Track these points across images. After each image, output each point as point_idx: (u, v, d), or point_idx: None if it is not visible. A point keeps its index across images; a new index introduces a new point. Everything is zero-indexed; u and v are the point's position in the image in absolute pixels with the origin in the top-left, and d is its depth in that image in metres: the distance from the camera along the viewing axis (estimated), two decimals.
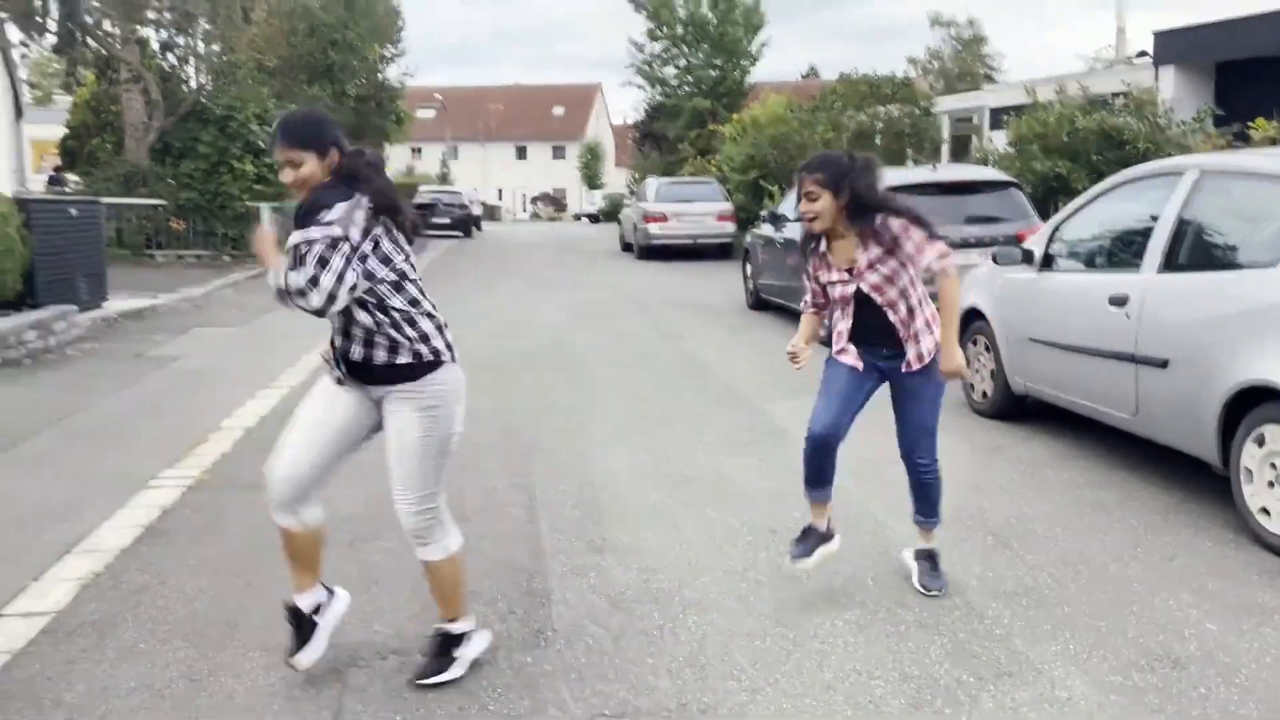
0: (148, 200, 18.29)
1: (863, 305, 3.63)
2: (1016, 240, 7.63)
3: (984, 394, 6.58)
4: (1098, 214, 5.63)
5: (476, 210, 38.61)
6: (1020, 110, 14.11)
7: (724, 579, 3.98)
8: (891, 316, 3.60)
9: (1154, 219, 4.97)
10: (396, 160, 70.99)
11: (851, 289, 3.60)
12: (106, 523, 4.64)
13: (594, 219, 49.26)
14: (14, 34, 18.77)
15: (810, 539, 3.81)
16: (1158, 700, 3.03)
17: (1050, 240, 5.90)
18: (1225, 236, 4.68)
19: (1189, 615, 3.60)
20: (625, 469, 5.55)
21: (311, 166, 2.90)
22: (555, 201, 72.76)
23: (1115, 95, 14.01)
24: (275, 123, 3.01)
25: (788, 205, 11.22)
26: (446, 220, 31.99)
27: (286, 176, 2.94)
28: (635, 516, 4.73)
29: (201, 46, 20.41)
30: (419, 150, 75.24)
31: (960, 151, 20.70)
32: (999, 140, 15.53)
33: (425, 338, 3.01)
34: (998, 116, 19.19)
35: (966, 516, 4.68)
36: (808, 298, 3.84)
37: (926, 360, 3.66)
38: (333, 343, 3.07)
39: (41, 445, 6.08)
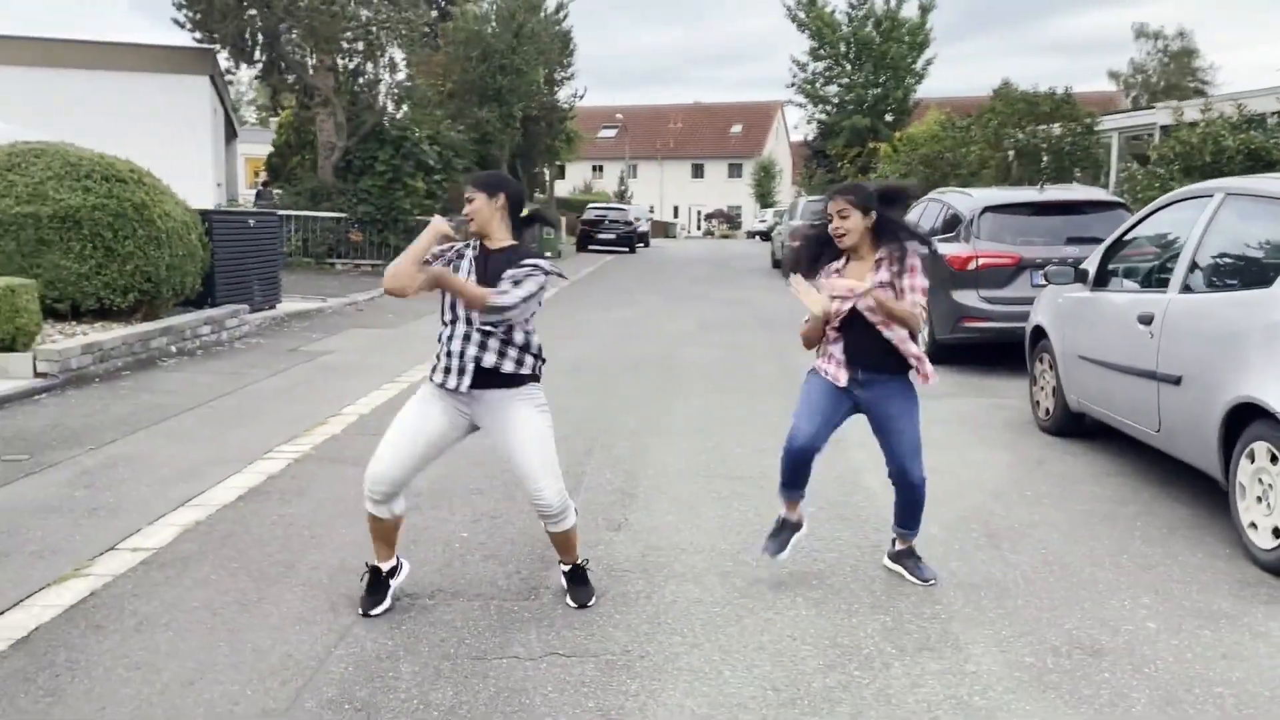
0: (331, 214, 20.02)
1: (854, 324, 3.90)
2: None
3: (1047, 411, 6.69)
4: (1144, 234, 5.72)
5: (644, 227, 39.68)
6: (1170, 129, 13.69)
7: (714, 558, 4.41)
8: (887, 334, 3.88)
9: (1184, 240, 5.07)
10: (575, 177, 73.81)
11: (847, 306, 3.88)
12: (220, 485, 5.49)
13: (764, 236, 49.64)
14: (223, 61, 20.86)
15: (784, 532, 4.17)
16: (1056, 679, 3.28)
17: (1103, 259, 6.01)
18: (1235, 258, 4.76)
19: (1135, 614, 3.79)
20: (676, 466, 6.02)
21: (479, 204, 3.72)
22: (729, 219, 73.37)
23: (1275, 114, 13.40)
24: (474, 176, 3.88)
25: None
26: (612, 236, 33.16)
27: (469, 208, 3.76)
28: (663, 504, 5.20)
29: (386, 74, 22.11)
30: (600, 168, 77.63)
31: None
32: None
33: (537, 356, 3.79)
34: (1170, 134, 18.52)
35: (971, 519, 4.93)
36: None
37: (931, 381, 3.97)
38: (449, 353, 3.68)
39: (190, 420, 7.09)
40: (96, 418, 7.01)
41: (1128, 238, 5.94)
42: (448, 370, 3.71)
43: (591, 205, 37.12)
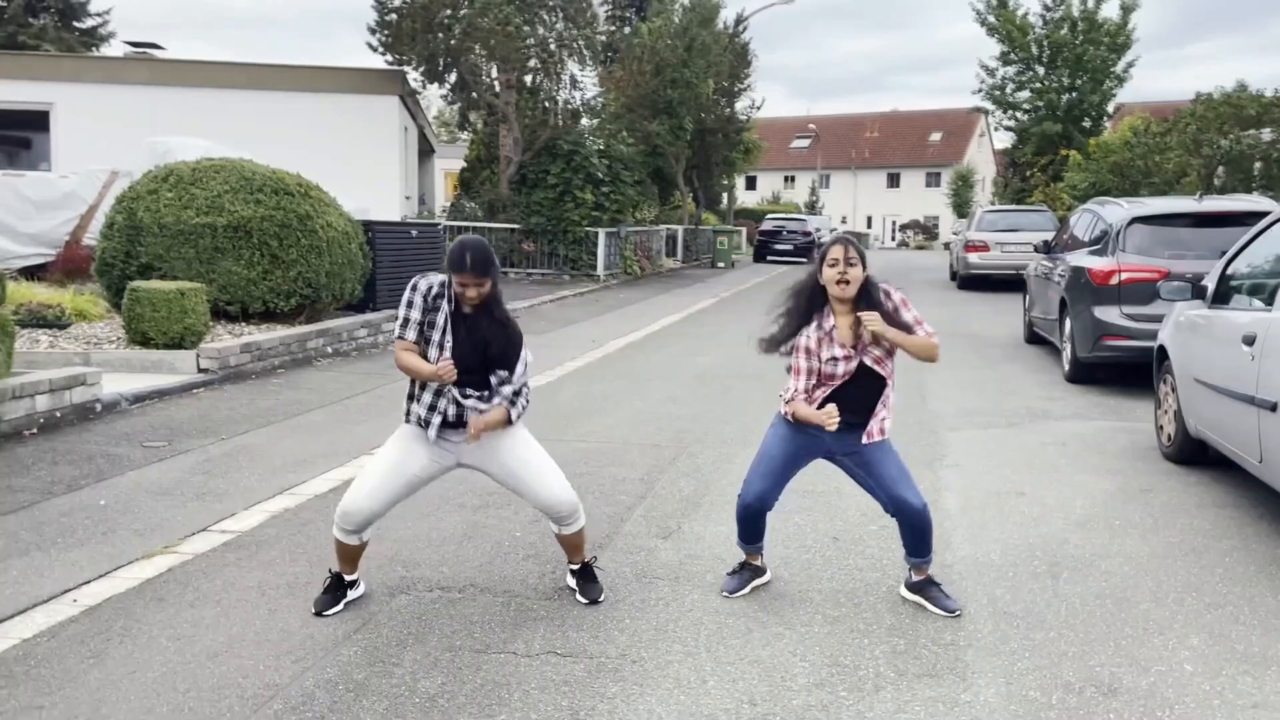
0: (505, 225, 20.86)
1: (856, 380, 3.80)
2: None
3: (1169, 437, 6.25)
4: (1262, 248, 5.27)
5: (825, 238, 39.15)
6: None
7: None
8: (887, 388, 3.84)
9: None
10: (765, 188, 73.56)
11: (854, 364, 3.79)
12: (321, 475, 5.89)
13: None
14: (414, 82, 22.10)
15: (745, 572, 4.15)
16: (1053, 717, 3.11)
17: (1223, 274, 5.57)
18: None
19: (1175, 655, 3.53)
20: None
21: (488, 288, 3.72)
22: (925, 229, 71.28)
23: None
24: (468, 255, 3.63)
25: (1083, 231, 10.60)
26: (789, 247, 32.90)
27: (470, 294, 3.66)
28: (724, 515, 5.19)
29: (567, 90, 22.84)
30: (791, 178, 77.16)
31: None
32: None
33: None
34: None
35: (1039, 547, 4.68)
36: (799, 384, 3.82)
37: (886, 435, 3.88)
38: (438, 404, 3.78)
39: (320, 416, 7.62)
40: (239, 411, 7.64)
41: (1250, 250, 5.48)
42: (428, 424, 3.80)
43: (769, 215, 36.98)
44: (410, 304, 3.75)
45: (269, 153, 13.77)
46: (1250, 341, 4.70)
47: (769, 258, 32.95)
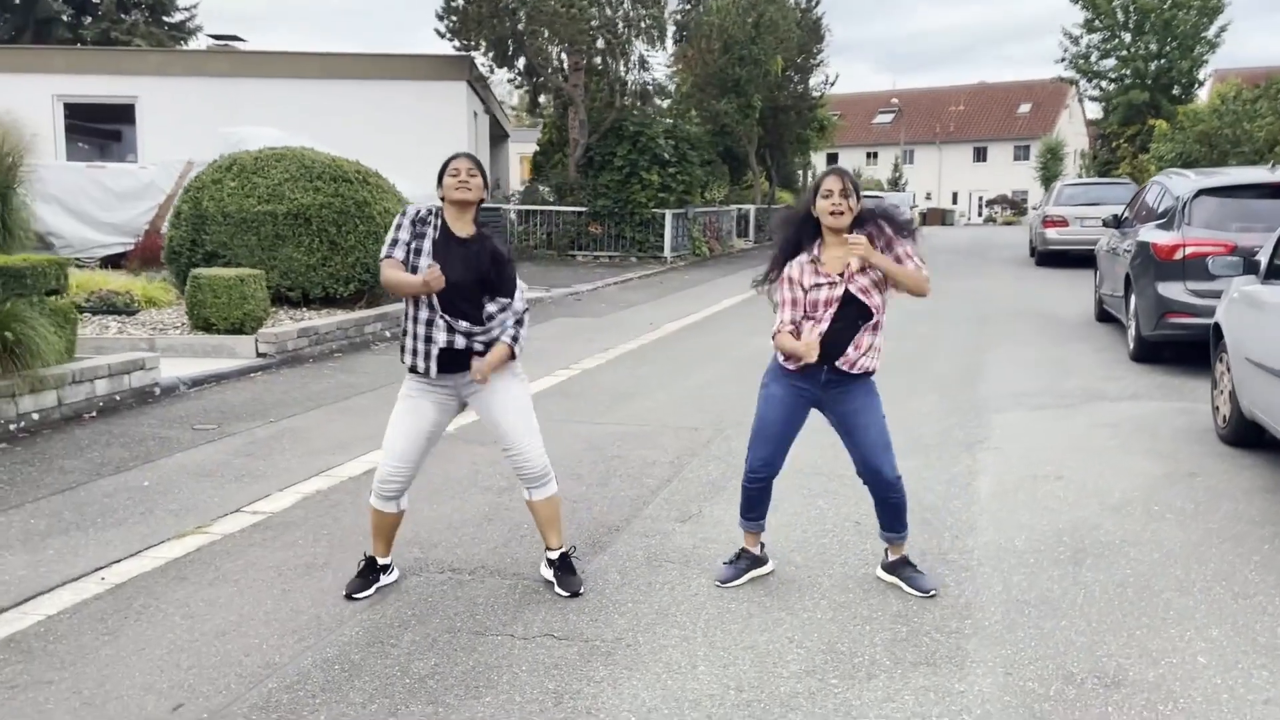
0: (572, 208, 20.94)
1: (843, 311, 3.73)
2: None
3: (1224, 418, 5.99)
4: None
5: (905, 214, 38.37)
6: None
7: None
8: (873, 320, 3.73)
9: None
10: (846, 164, 72.38)
11: (840, 291, 3.74)
12: (358, 459, 6.01)
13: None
14: (481, 67, 22.27)
15: (742, 561, 4.06)
16: (1047, 709, 3.01)
17: (1276, 248, 5.30)
18: None
19: (1190, 646, 3.39)
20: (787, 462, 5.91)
21: (479, 184, 3.83)
22: (1013, 204, 69.40)
23: None
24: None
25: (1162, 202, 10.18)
26: None
27: (462, 179, 3.76)
28: None
29: (635, 71, 22.75)
30: (874, 154, 75.82)
31: None
32: None
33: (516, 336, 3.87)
34: None
35: (1067, 532, 4.54)
36: (785, 316, 3.79)
37: (867, 368, 3.79)
38: (433, 334, 3.77)
39: (368, 399, 7.75)
40: (291, 394, 7.83)
41: None
42: (426, 356, 3.79)
43: None
44: (398, 226, 3.80)
45: (341, 140, 14.04)
46: None
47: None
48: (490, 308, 3.80)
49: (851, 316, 3.75)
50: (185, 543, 4.57)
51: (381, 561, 4.05)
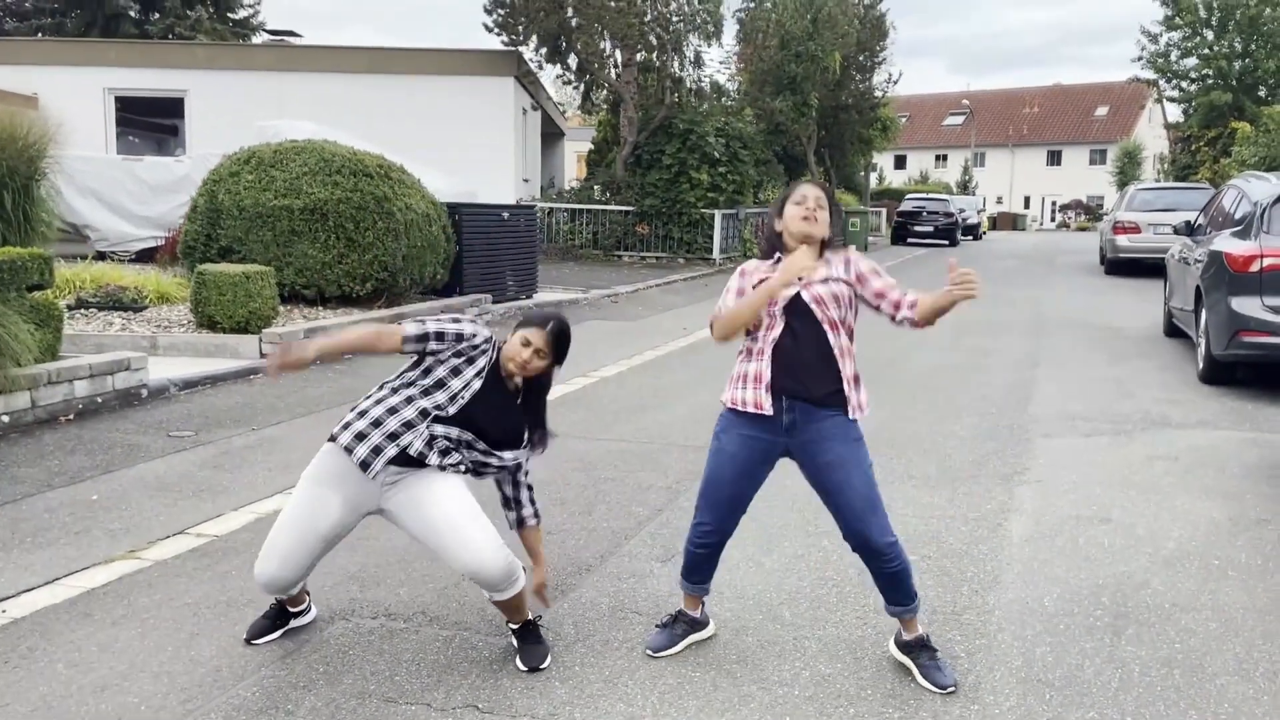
0: (619, 207, 20.43)
1: (795, 324, 3.07)
2: None
3: None
4: None
5: (972, 219, 37.29)
6: None
7: (743, 608, 3.76)
8: (831, 339, 3.08)
9: None
10: (914, 167, 70.95)
11: (790, 293, 3.06)
12: None
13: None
14: (531, 63, 21.88)
15: (678, 625, 3.42)
16: None
17: None
18: None
19: None
20: (789, 489, 5.28)
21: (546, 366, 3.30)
22: (1087, 210, 67.41)
23: None
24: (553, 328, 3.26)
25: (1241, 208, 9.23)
26: (930, 229, 31.40)
27: (527, 358, 3.22)
28: (741, 536, 4.52)
29: (690, 68, 22.15)
30: (944, 157, 74.26)
31: None
32: None
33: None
34: None
35: (1107, 590, 3.88)
36: (729, 301, 3.18)
37: (864, 412, 3.15)
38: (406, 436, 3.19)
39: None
40: (285, 399, 7.42)
41: None
42: (376, 450, 3.20)
43: (909, 195, 35.37)
44: (442, 330, 3.21)
45: (386, 135, 13.75)
46: None
47: (908, 240, 31.49)
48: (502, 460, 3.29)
49: (808, 334, 3.07)
50: (110, 570, 4.13)
51: (293, 609, 3.54)
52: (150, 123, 22.97)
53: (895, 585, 3.18)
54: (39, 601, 3.81)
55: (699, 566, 3.41)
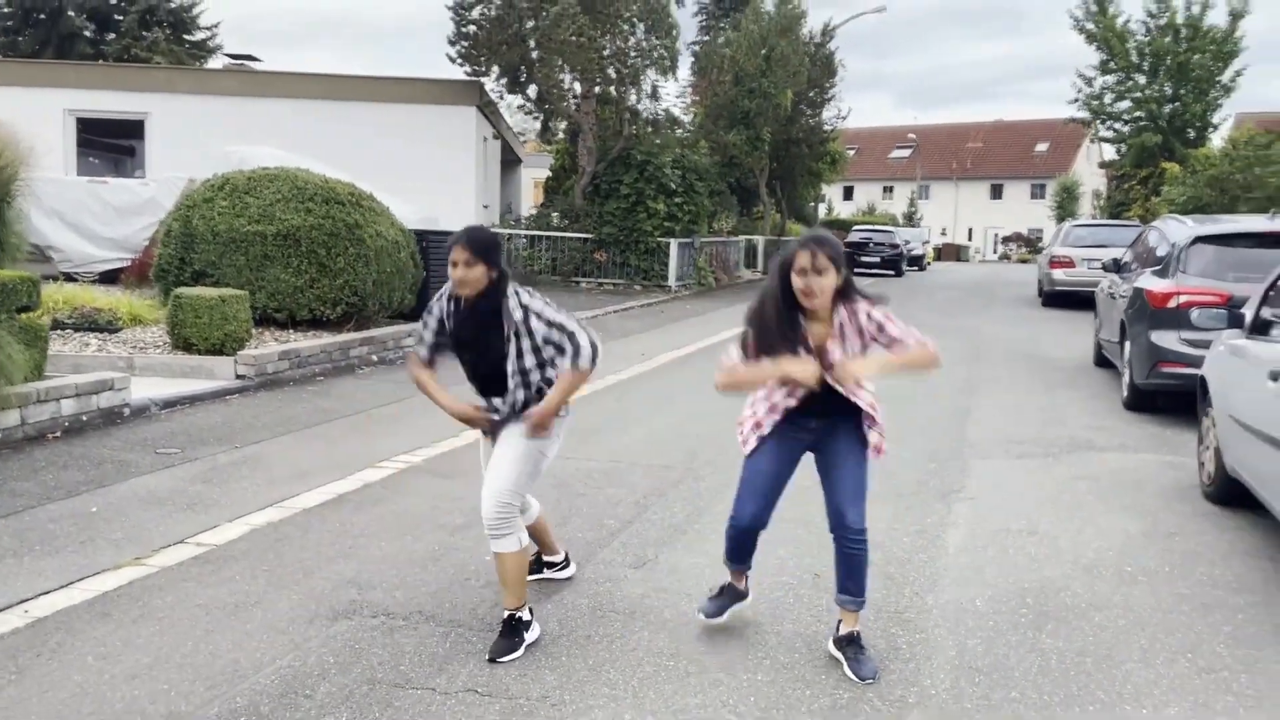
0: (578, 234, 20.87)
1: (820, 391, 3.49)
2: None
3: (1209, 476, 5.79)
4: None
5: (917, 250, 38.27)
6: None
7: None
8: (859, 402, 3.55)
9: None
10: (862, 198, 72.39)
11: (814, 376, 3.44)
12: (317, 489, 5.85)
13: None
14: (492, 93, 22.30)
15: (725, 597, 3.94)
16: None
17: (1262, 302, 5.13)
18: None
19: None
20: None
21: (479, 273, 3.67)
22: (1028, 242, 69.19)
23: None
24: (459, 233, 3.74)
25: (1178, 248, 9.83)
26: (877, 259, 32.22)
27: (458, 273, 3.67)
28: (708, 545, 4.93)
29: (647, 101, 22.68)
30: (890, 189, 75.83)
31: None
32: None
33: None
34: None
35: (1032, 593, 4.35)
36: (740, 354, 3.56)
37: (880, 453, 3.62)
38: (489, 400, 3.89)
39: (341, 426, 7.62)
40: (263, 419, 7.70)
41: None
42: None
43: (856, 226, 36.30)
44: (428, 328, 3.96)
45: (348, 162, 14.04)
46: (1277, 378, 4.29)
47: (855, 270, 32.20)
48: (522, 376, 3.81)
49: (829, 394, 3.49)
50: (119, 575, 4.43)
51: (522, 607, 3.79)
52: (109, 144, 23.00)
53: (852, 571, 3.60)
54: (58, 603, 4.10)
55: (740, 550, 3.90)
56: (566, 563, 4.48)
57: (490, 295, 3.74)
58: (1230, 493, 5.53)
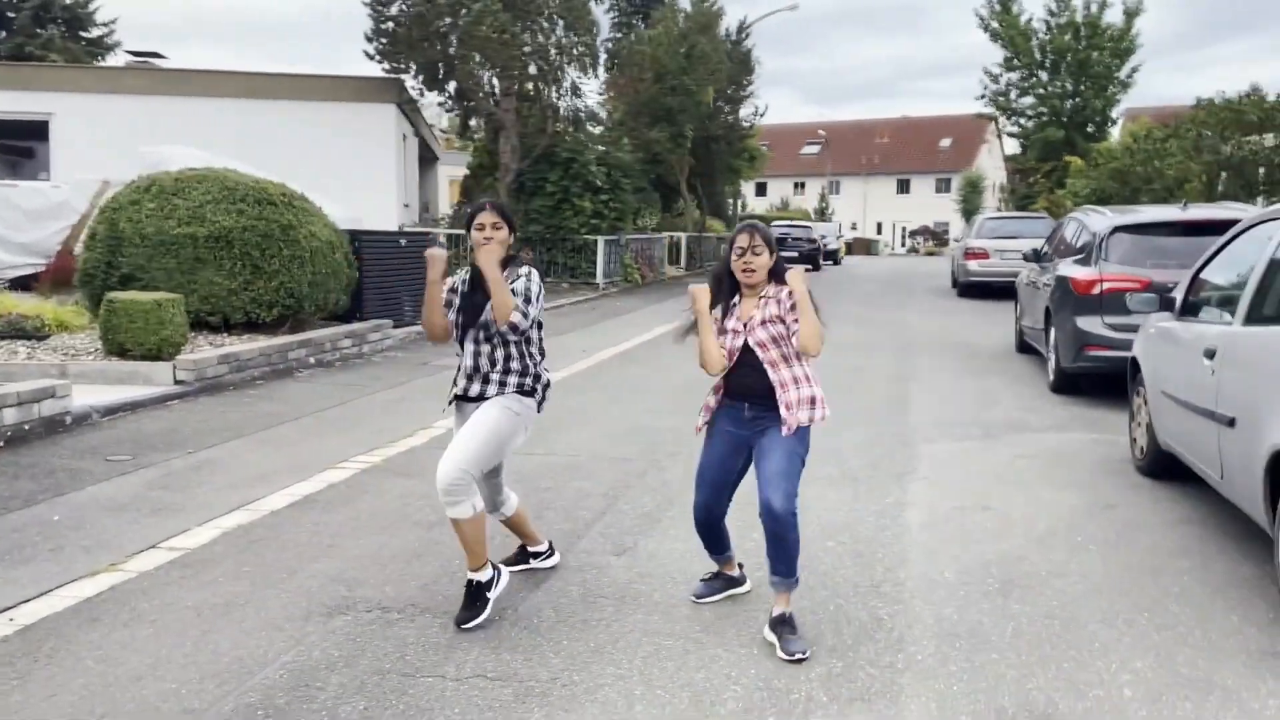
0: None
1: (745, 359, 3.83)
2: None
3: (1141, 450, 6.16)
4: (1228, 258, 5.18)
5: (832, 244, 39.05)
6: None
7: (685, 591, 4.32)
8: (771, 375, 3.78)
9: (1253, 266, 4.57)
10: (775, 194, 73.46)
11: (740, 341, 3.83)
12: (281, 491, 5.83)
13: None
14: (412, 90, 22.10)
15: (718, 581, 4.20)
16: None
17: (1190, 285, 5.48)
18: None
19: (1116, 679, 3.44)
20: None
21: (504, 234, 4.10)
22: (935, 236, 71.04)
23: None
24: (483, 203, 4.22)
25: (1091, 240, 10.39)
26: (795, 254, 32.76)
27: (486, 235, 4.04)
28: (682, 531, 5.06)
29: (567, 98, 22.74)
30: (801, 185, 77.07)
31: None
32: None
33: (535, 384, 4.17)
34: None
35: (995, 563, 4.60)
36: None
37: (802, 427, 3.82)
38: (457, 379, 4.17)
39: (291, 429, 7.57)
40: (209, 423, 7.61)
41: (1217, 261, 5.39)
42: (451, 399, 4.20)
43: (775, 222, 36.88)
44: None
45: (267, 161, 13.77)
46: (1211, 355, 4.62)
47: None
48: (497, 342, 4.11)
49: (757, 364, 3.82)
50: (98, 581, 4.39)
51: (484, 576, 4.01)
52: (5, 145, 22.11)
53: (780, 552, 3.75)
54: (40, 611, 4.06)
55: (709, 541, 4.14)
56: (551, 551, 4.60)
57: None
58: (1162, 465, 5.90)
